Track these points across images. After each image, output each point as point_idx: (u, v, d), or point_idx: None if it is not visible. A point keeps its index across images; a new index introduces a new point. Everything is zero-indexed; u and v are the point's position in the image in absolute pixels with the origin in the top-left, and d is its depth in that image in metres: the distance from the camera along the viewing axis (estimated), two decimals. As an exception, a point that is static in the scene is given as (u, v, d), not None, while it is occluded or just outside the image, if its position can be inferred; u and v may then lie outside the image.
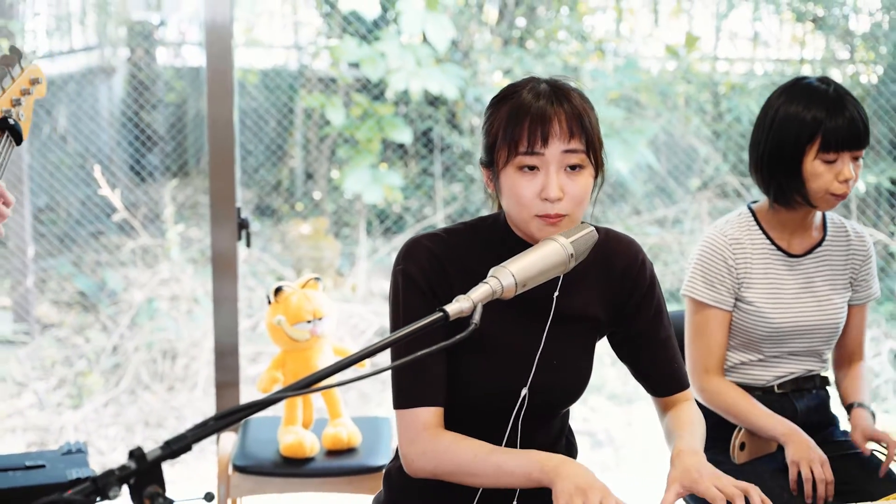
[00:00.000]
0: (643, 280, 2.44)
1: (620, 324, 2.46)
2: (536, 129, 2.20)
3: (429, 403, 2.32)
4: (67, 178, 5.50)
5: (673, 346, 2.51)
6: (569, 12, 5.87)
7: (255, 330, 5.53)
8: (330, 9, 5.63)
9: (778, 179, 2.96)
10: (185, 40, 5.98)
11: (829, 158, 2.88)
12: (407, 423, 2.33)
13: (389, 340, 1.90)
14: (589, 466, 2.35)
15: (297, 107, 5.83)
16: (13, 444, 5.17)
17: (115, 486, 1.55)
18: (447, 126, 5.76)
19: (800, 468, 2.83)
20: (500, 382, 2.36)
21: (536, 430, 2.42)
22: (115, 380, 5.53)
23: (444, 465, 2.30)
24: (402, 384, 2.33)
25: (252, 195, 5.93)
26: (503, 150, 2.23)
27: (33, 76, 2.90)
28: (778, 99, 2.97)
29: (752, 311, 3.00)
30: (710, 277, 3.00)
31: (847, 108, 2.88)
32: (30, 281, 5.54)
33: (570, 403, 2.49)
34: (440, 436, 2.31)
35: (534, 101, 2.22)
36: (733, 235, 3.02)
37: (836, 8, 5.71)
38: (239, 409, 1.69)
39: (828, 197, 2.92)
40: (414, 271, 2.33)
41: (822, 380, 3.15)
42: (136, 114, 5.57)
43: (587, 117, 2.24)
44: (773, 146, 2.94)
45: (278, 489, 3.63)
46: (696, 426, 2.44)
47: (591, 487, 2.10)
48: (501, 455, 2.25)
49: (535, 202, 2.20)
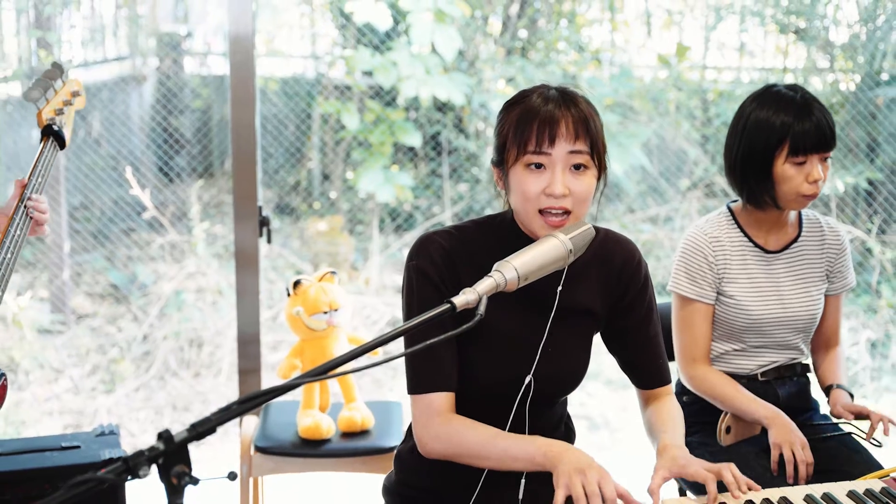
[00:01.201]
0: (638, 279, 2.45)
1: (614, 318, 2.46)
2: (545, 129, 2.20)
3: (441, 389, 2.33)
4: (101, 179, 5.50)
5: (659, 343, 2.52)
6: (567, 24, 5.86)
7: (275, 320, 5.53)
8: (345, 21, 5.62)
9: (750, 182, 2.95)
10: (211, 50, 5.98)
11: (799, 161, 2.88)
12: (421, 408, 2.34)
13: (400, 330, 1.90)
14: (587, 447, 2.36)
15: (314, 112, 5.83)
16: (50, 427, 5.17)
17: (145, 466, 1.55)
18: (454, 130, 5.75)
19: (781, 450, 2.83)
20: (505, 370, 2.37)
21: (538, 415, 2.42)
22: (146, 366, 5.53)
23: (455, 448, 2.30)
24: (416, 371, 2.34)
25: (272, 195, 5.93)
26: (513, 150, 2.24)
27: (74, 89, 2.93)
28: (749, 105, 2.96)
29: (732, 304, 3.00)
30: (692, 273, 3.00)
31: (814, 112, 2.88)
32: (66, 274, 5.55)
33: (570, 391, 2.49)
34: (452, 420, 2.31)
35: (543, 105, 2.24)
36: (712, 234, 3.02)
37: (817, 20, 5.70)
38: (260, 393, 1.69)
39: (799, 198, 2.91)
40: (426, 266, 2.33)
41: (803, 367, 3.15)
42: (165, 119, 5.56)
43: (592, 122, 2.25)
44: (745, 150, 2.94)
45: (297, 469, 3.63)
46: (678, 422, 2.47)
47: (589, 467, 2.11)
48: (508, 440, 2.26)
49: (541, 197, 2.21)
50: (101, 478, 1.51)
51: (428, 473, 2.42)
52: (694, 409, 3.08)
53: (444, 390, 2.33)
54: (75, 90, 2.94)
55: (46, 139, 2.81)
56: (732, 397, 2.96)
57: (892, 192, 5.51)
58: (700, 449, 3.01)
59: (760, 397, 2.99)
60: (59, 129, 2.82)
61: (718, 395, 2.98)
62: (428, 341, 1.87)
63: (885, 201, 5.55)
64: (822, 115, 2.88)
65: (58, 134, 2.82)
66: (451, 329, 1.93)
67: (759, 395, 3.01)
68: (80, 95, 2.96)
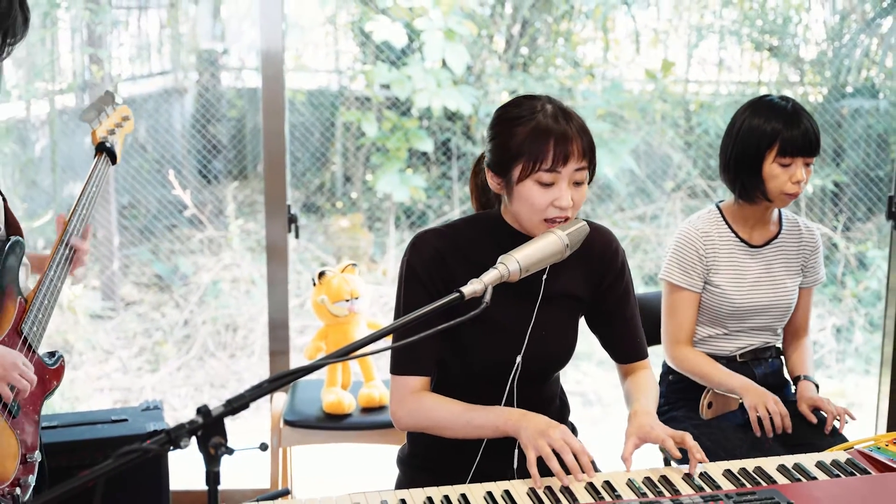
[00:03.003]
0: (616, 264, 2.45)
1: (595, 301, 2.46)
2: (560, 150, 2.18)
3: (418, 373, 2.35)
4: (147, 181, 5.49)
5: (636, 323, 2.53)
6: (564, 42, 5.84)
7: (302, 307, 5.52)
8: (365, 39, 5.61)
9: (742, 179, 2.96)
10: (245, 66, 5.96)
11: (785, 162, 2.88)
12: (398, 387, 2.36)
13: (413, 317, 1.92)
14: (581, 422, 2.37)
15: (337, 121, 5.81)
16: (101, 402, 5.18)
17: (186, 437, 1.55)
18: (462, 137, 5.74)
19: (757, 411, 2.84)
20: (497, 352, 2.37)
21: (530, 393, 2.43)
22: (186, 348, 5.53)
23: (425, 421, 2.34)
24: (398, 355, 2.37)
25: (300, 195, 5.92)
26: (526, 165, 2.20)
27: (124, 114, 2.94)
28: (744, 113, 2.97)
29: (718, 292, 3.00)
30: (683, 264, 3.00)
31: (802, 121, 2.88)
32: (115, 266, 5.55)
33: (559, 369, 2.50)
34: (423, 397, 2.34)
35: (553, 124, 2.20)
36: (703, 229, 3.02)
37: (789, 39, 5.68)
38: (289, 373, 1.69)
39: (782, 195, 2.92)
40: (416, 265, 2.34)
41: (777, 350, 3.16)
42: (204, 127, 5.55)
43: (590, 138, 2.24)
44: (739, 151, 2.94)
45: (321, 440, 3.63)
46: (651, 392, 2.49)
47: (549, 427, 2.16)
48: (472, 412, 2.29)
49: (549, 209, 2.21)
50: (147, 448, 1.51)
51: (436, 446, 2.42)
52: (679, 386, 3.09)
53: (420, 375, 2.35)
54: (125, 115, 2.95)
55: (100, 155, 2.81)
56: (710, 373, 2.98)
57: (856, 193, 5.50)
58: (684, 422, 3.02)
59: (739, 377, 3.01)
60: (112, 147, 2.82)
61: (699, 373, 3.01)
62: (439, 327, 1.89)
63: (850, 201, 5.53)
64: (809, 123, 2.89)
65: (110, 150, 2.82)
66: (458, 316, 1.93)
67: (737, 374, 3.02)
68: (129, 120, 2.97)
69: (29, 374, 2.43)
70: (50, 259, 2.59)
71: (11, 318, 2.49)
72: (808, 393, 3.02)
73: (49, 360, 2.61)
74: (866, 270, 5.63)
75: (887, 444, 2.42)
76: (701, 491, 2.14)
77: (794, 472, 2.24)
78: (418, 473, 2.50)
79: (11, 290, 2.51)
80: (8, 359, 2.38)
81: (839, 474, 2.24)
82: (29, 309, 2.51)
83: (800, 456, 2.33)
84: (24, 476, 2.47)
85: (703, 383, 3.00)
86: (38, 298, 2.53)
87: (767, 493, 2.10)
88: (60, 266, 2.60)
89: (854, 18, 5.61)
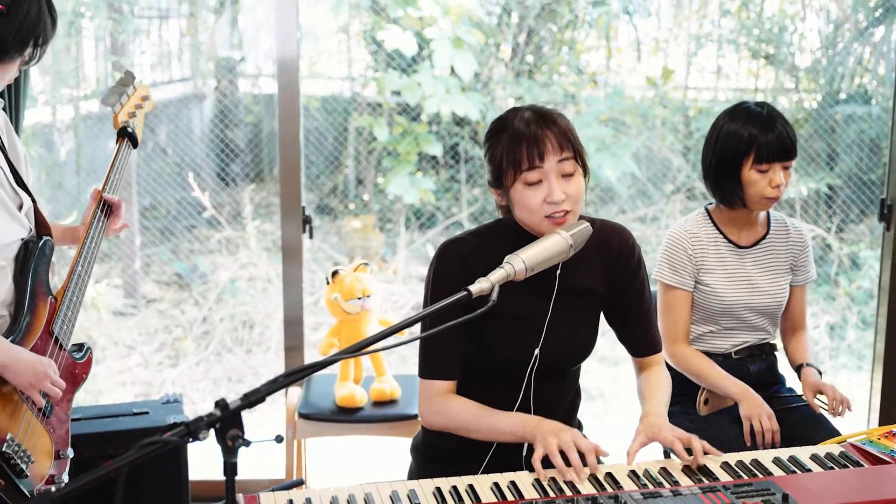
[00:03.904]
0: (632, 260, 2.47)
1: (613, 295, 2.48)
2: (533, 149, 2.23)
3: (445, 378, 2.39)
4: (167, 183, 5.50)
5: (652, 318, 2.55)
6: (568, 51, 5.83)
7: (316, 304, 5.53)
8: (377, 48, 5.61)
9: (722, 185, 2.95)
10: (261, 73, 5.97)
11: (763, 168, 2.87)
12: (426, 390, 2.40)
13: (422, 314, 1.94)
14: (584, 416, 2.39)
15: (350, 126, 5.81)
16: (123, 395, 5.19)
17: (204, 430, 1.56)
18: (470, 142, 5.73)
19: (752, 422, 2.83)
20: (516, 346, 2.39)
21: (550, 385, 2.45)
22: (205, 344, 5.54)
23: (451, 422, 2.37)
24: (426, 360, 2.40)
25: (314, 197, 5.92)
26: (510, 172, 2.25)
27: (143, 94, 2.94)
28: (722, 119, 2.96)
29: (708, 291, 3.00)
30: (674, 264, 3.00)
31: (777, 126, 2.87)
32: (137, 264, 5.56)
33: (577, 364, 2.51)
34: (450, 400, 2.38)
35: (526, 128, 2.25)
36: (692, 231, 3.02)
37: (784, 47, 5.66)
38: (303, 368, 1.69)
39: (763, 200, 2.91)
40: (442, 272, 2.37)
41: (771, 347, 3.15)
42: (222, 131, 5.56)
43: (571, 133, 2.28)
44: (718, 158, 2.94)
45: (334, 432, 3.63)
46: (664, 391, 2.50)
47: (562, 430, 2.20)
48: (495, 417, 2.32)
49: (544, 206, 2.24)
50: (167, 440, 1.51)
51: (450, 435, 2.43)
52: (676, 383, 3.08)
53: (447, 379, 2.39)
54: (144, 95, 2.95)
55: (122, 140, 2.81)
56: (708, 374, 2.97)
57: (848, 195, 5.48)
58: (682, 417, 3.01)
59: (734, 373, 3.00)
60: (133, 131, 2.82)
61: (696, 372, 2.99)
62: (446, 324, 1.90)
63: (843, 203, 5.52)
64: (784, 128, 2.87)
65: (132, 135, 2.82)
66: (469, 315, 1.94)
67: (732, 371, 3.01)
68: (149, 99, 2.96)
69: (60, 382, 2.44)
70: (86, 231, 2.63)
71: (43, 318, 2.49)
72: (812, 378, 3.01)
73: (77, 353, 2.62)
74: (859, 270, 5.62)
75: (879, 438, 2.41)
76: (699, 482, 2.14)
77: (789, 464, 2.24)
78: (431, 462, 2.51)
79: (42, 291, 2.52)
80: (40, 368, 2.39)
81: (833, 467, 2.24)
82: (59, 308, 2.52)
83: (795, 449, 2.33)
84: (59, 473, 2.48)
85: (700, 383, 3.00)
86: (66, 296, 2.54)
87: (764, 485, 2.09)
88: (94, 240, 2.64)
89: (847, 28, 5.60)
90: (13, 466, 2.30)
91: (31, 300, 2.48)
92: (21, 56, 2.43)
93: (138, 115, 2.89)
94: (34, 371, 2.37)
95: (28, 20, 2.39)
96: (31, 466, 2.36)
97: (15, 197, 2.50)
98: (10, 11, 2.36)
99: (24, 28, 2.38)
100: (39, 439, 2.41)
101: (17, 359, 2.35)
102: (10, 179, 2.50)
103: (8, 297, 2.47)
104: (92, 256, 2.63)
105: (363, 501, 2.04)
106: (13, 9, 2.36)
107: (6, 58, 2.39)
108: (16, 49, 2.39)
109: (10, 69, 2.44)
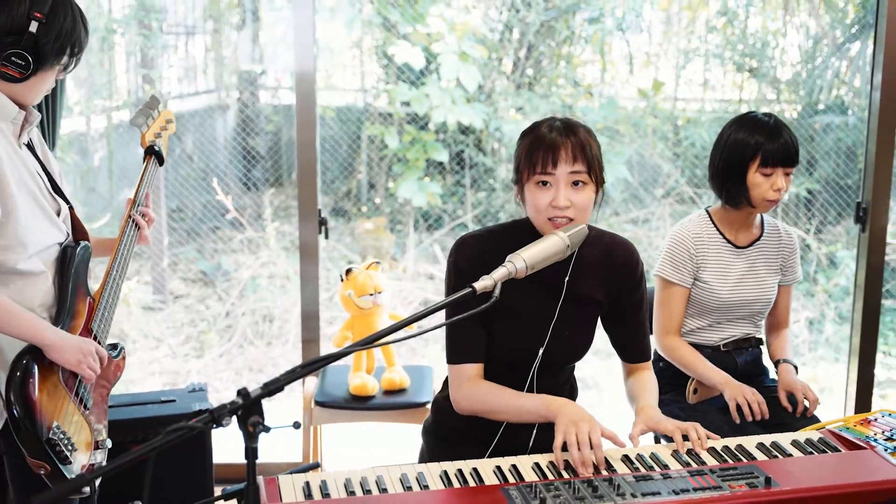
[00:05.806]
0: (635, 275, 2.46)
1: (612, 306, 2.47)
2: (549, 154, 2.23)
3: (471, 361, 2.38)
4: (193, 187, 5.50)
5: (646, 329, 2.55)
6: (565, 64, 5.82)
7: (331, 300, 5.53)
8: (388, 61, 5.60)
9: (728, 187, 2.95)
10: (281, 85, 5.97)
11: (767, 172, 2.87)
12: (456, 375, 2.39)
13: (430, 309, 1.92)
14: (581, 403, 2.38)
15: (363, 134, 5.81)
16: (152, 384, 5.20)
17: (227, 417, 1.55)
18: (475, 149, 5.73)
19: (737, 401, 2.84)
20: (523, 343, 2.39)
21: (550, 378, 2.46)
22: (228, 337, 5.54)
23: (480, 405, 2.36)
24: (453, 346, 2.39)
25: (329, 200, 5.92)
26: (526, 171, 2.27)
27: (168, 117, 2.93)
28: (731, 127, 2.96)
29: (706, 288, 2.99)
30: (676, 262, 3.00)
31: (782, 135, 2.87)
32: (165, 263, 5.56)
33: (574, 362, 2.53)
34: (479, 384, 2.36)
35: (548, 134, 2.27)
36: (694, 231, 3.02)
37: (767, 61, 5.65)
38: (319, 359, 1.69)
39: (764, 202, 2.91)
40: (460, 263, 2.37)
41: (757, 340, 3.14)
42: (244, 140, 5.56)
43: (589, 147, 2.27)
44: (725, 162, 2.94)
45: (348, 419, 3.63)
46: (654, 391, 2.51)
47: (581, 420, 2.16)
48: (521, 399, 2.31)
49: (549, 209, 2.24)
50: (192, 426, 1.51)
51: (459, 417, 2.43)
52: (668, 373, 3.08)
53: (474, 362, 2.38)
54: (169, 119, 2.95)
55: (149, 158, 2.80)
56: (695, 365, 2.97)
57: (826, 199, 5.47)
58: (672, 405, 3.01)
59: (722, 365, 3.00)
60: (159, 150, 2.82)
61: (684, 363, 2.99)
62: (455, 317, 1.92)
63: (822, 206, 5.51)
64: (789, 137, 2.88)
65: (158, 153, 2.82)
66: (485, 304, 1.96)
67: (721, 362, 3.01)
68: (172, 122, 2.96)
69: (96, 367, 2.44)
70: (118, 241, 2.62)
71: (83, 317, 2.49)
72: (787, 376, 3.01)
73: (113, 352, 2.62)
74: (836, 269, 5.61)
75: (855, 425, 2.41)
76: (687, 466, 2.14)
77: (771, 449, 2.23)
78: (441, 443, 2.52)
79: (82, 292, 2.52)
80: (85, 346, 2.40)
81: (812, 451, 2.23)
82: (97, 308, 2.53)
83: (777, 435, 2.32)
84: (98, 462, 2.48)
85: (688, 372, 3.00)
86: (104, 297, 2.54)
87: (747, 468, 2.09)
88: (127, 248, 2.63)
89: (826, 43, 5.59)
90: (58, 453, 2.30)
91: (71, 302, 2.48)
92: (59, 63, 2.43)
93: (163, 136, 2.89)
94: (80, 348, 2.38)
95: (65, 28, 2.39)
96: (74, 454, 2.37)
97: (53, 203, 2.50)
98: (48, 20, 2.36)
99: (62, 35, 2.39)
100: (81, 429, 2.42)
101: (62, 338, 2.36)
102: (48, 186, 2.50)
103: (48, 300, 2.46)
104: (125, 262, 2.63)
105: (375, 483, 2.03)
106: (50, 17, 2.36)
107: (46, 65, 2.39)
108: (54, 56, 2.39)
109: (48, 78, 2.44)
